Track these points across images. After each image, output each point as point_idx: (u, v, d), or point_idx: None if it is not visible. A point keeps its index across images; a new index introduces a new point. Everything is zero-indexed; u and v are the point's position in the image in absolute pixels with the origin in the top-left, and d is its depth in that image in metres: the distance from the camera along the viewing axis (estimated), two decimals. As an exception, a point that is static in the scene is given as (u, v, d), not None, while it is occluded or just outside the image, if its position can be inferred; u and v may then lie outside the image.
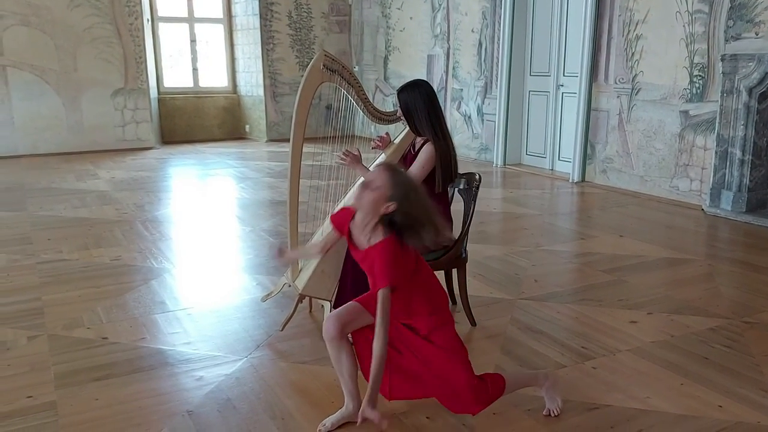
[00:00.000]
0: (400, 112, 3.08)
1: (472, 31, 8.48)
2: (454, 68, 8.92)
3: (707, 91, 5.73)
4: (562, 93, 7.53)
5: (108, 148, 9.58)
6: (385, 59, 10.37)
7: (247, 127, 11.19)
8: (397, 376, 2.27)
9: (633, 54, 6.37)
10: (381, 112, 3.17)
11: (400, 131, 3.28)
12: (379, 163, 3.17)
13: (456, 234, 3.15)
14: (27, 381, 2.69)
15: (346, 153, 3.03)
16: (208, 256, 4.56)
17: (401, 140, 3.23)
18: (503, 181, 7.37)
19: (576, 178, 7.09)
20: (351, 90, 3.04)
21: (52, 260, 4.34)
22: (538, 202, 6.25)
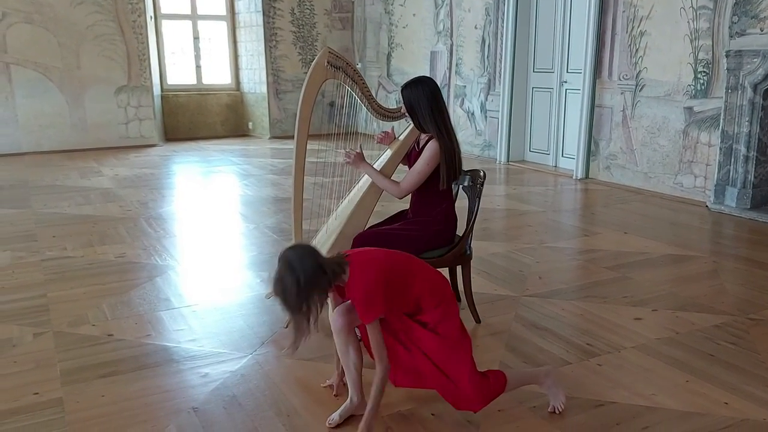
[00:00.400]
0: (404, 109, 3.07)
1: (476, 27, 8.47)
2: (457, 65, 8.90)
3: (712, 88, 5.71)
4: (566, 89, 7.51)
5: (111, 145, 9.58)
6: (388, 56, 10.35)
7: (250, 124, 11.19)
8: (401, 370, 2.29)
9: (637, 50, 6.35)
10: (385, 109, 3.16)
11: (404, 128, 3.28)
12: (383, 159, 3.18)
13: (461, 231, 3.16)
14: (33, 378, 2.70)
15: (349, 153, 3.03)
16: (212, 253, 4.56)
17: (405, 137, 3.22)
18: (507, 178, 7.36)
19: (580, 174, 7.07)
20: (355, 87, 3.04)
21: (57, 257, 4.35)
22: (542, 199, 6.24)
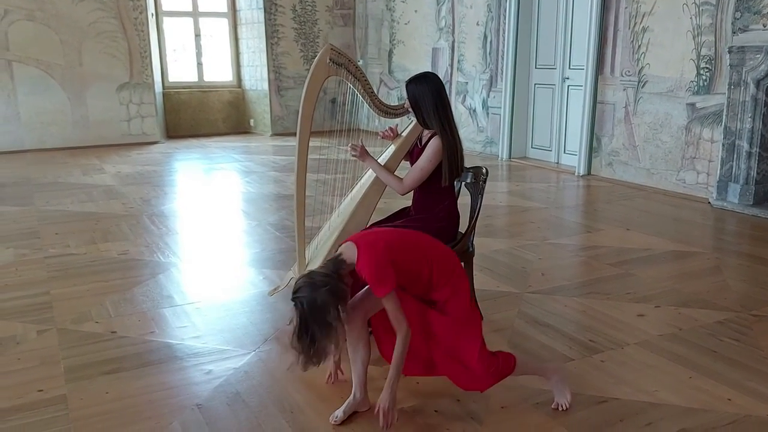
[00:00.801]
0: (407, 104, 3.06)
1: (477, 24, 8.45)
2: (459, 61, 8.89)
3: (714, 84, 5.70)
4: (568, 86, 7.50)
5: (113, 142, 9.59)
6: (390, 53, 10.34)
7: (252, 121, 11.19)
8: (412, 359, 2.29)
9: (639, 46, 6.33)
10: (387, 106, 3.15)
11: (406, 125, 3.27)
12: (386, 155, 3.17)
13: (463, 228, 3.16)
14: (37, 375, 2.70)
15: (354, 146, 3.02)
16: (215, 250, 4.57)
17: (408, 133, 3.22)
18: (509, 175, 7.36)
19: (582, 171, 7.06)
20: (357, 84, 3.03)
21: (60, 255, 4.35)
22: (544, 196, 6.23)
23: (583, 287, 3.73)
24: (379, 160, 3.16)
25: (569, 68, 7.46)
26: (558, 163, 7.74)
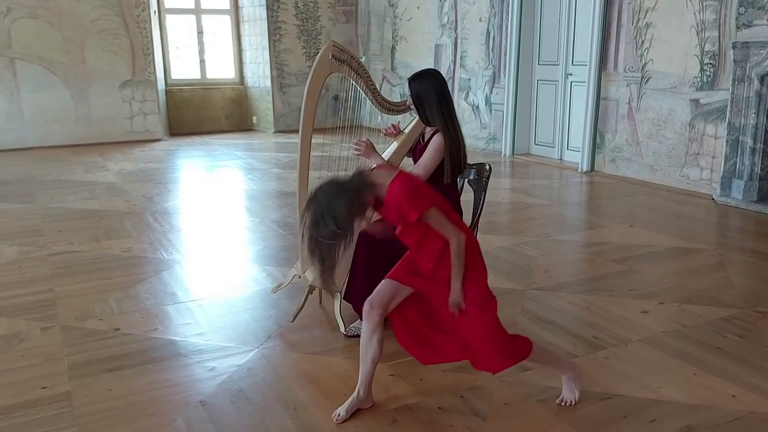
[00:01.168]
0: (410, 101, 3.06)
1: (480, 20, 8.43)
2: (461, 58, 8.87)
3: (718, 79, 5.68)
4: (571, 82, 7.48)
5: (116, 140, 9.60)
6: (392, 49, 10.32)
7: (255, 118, 11.18)
8: (429, 347, 2.30)
9: (643, 42, 6.31)
10: (389, 102, 3.15)
11: (409, 122, 3.27)
12: (389, 153, 3.17)
13: (466, 224, 3.15)
14: (41, 372, 2.71)
15: (359, 142, 3.02)
16: (218, 247, 4.57)
17: (411, 130, 3.21)
18: (512, 171, 7.35)
19: (585, 167, 7.05)
20: (359, 80, 3.02)
21: (64, 252, 4.36)
22: (547, 192, 6.22)
23: (586, 284, 3.72)
24: (385, 154, 3.16)
25: (572, 64, 7.44)
26: (561, 159, 7.73)
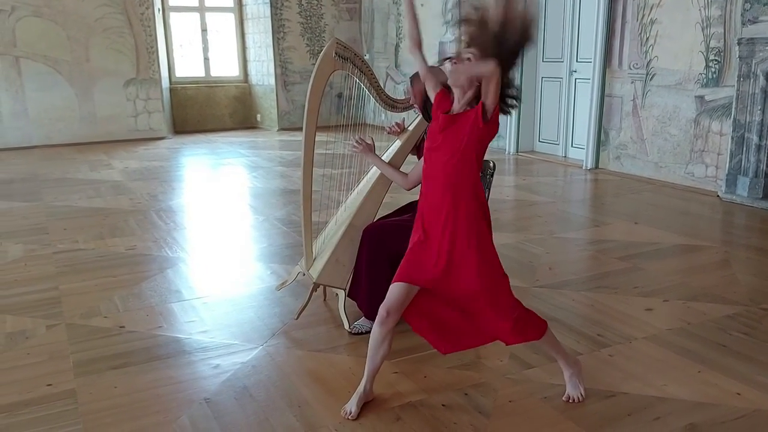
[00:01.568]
0: (412, 99, 3.05)
1: (484, 17, 8.40)
2: (465, 55, 8.84)
3: (723, 76, 5.65)
4: (575, 79, 7.46)
5: (121, 138, 9.62)
6: (396, 47, 10.31)
7: (259, 116, 11.20)
8: (447, 334, 2.32)
9: (647, 39, 6.29)
10: (393, 100, 3.15)
11: (413, 119, 3.26)
12: (392, 150, 3.17)
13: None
14: (46, 369, 2.72)
15: (359, 141, 3.02)
16: (222, 245, 4.58)
17: (415, 128, 3.21)
18: (516, 169, 7.34)
19: (589, 164, 7.03)
20: (363, 78, 3.02)
21: (69, 250, 4.38)
22: (552, 190, 6.21)
23: (590, 281, 3.71)
24: (385, 155, 3.16)
25: (577, 61, 7.42)
26: (565, 156, 7.71)
